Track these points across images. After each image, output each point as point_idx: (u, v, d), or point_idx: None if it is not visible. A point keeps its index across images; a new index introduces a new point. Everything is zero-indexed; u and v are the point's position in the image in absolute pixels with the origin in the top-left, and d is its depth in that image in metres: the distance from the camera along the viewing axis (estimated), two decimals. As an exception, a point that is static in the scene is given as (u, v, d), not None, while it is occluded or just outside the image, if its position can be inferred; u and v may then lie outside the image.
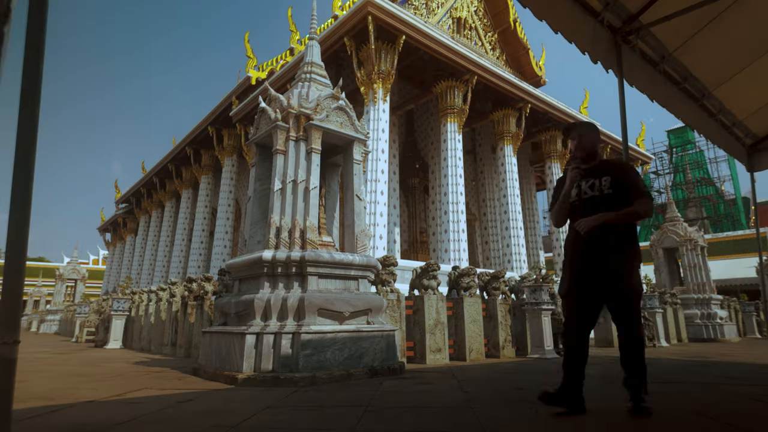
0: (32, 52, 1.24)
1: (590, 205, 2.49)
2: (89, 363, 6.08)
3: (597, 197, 2.49)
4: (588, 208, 2.49)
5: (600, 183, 2.51)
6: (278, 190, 4.82)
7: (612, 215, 2.41)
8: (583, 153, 2.61)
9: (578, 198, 2.56)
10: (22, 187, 1.21)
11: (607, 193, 2.48)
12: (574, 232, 2.54)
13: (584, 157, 2.61)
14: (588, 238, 2.44)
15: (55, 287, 22.97)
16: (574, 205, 2.58)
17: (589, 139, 2.63)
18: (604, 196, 2.48)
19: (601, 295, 2.47)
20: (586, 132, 2.64)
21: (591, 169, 2.58)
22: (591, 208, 2.48)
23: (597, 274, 2.44)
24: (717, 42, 3.87)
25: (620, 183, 2.48)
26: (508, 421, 2.39)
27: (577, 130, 2.65)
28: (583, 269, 2.49)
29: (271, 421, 2.39)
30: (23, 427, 2.30)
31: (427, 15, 14.74)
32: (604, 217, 2.41)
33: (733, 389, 3.43)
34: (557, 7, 3.14)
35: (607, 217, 2.41)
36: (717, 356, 6.59)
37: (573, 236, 2.57)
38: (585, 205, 2.51)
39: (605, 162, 2.64)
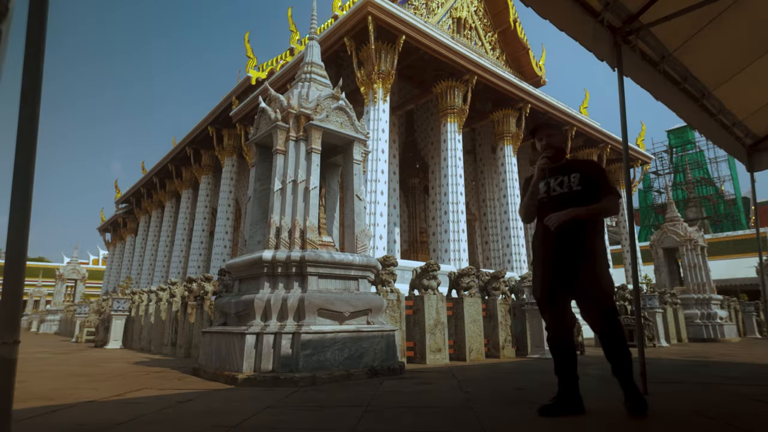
0: (32, 50, 1.24)
1: (559, 202, 2.53)
2: (89, 363, 6.08)
3: (566, 194, 2.54)
4: (557, 205, 2.52)
5: (569, 180, 2.56)
6: (278, 190, 4.82)
7: (582, 210, 2.45)
8: (552, 151, 2.64)
9: (547, 195, 2.60)
10: (22, 186, 1.20)
11: (576, 189, 2.53)
12: (543, 229, 2.57)
13: (553, 155, 2.65)
14: (558, 234, 2.47)
15: (55, 287, 22.97)
16: (542, 202, 2.62)
17: (557, 138, 2.69)
18: (572, 193, 2.52)
19: (574, 291, 2.50)
20: (554, 132, 2.70)
21: (559, 167, 2.63)
22: (560, 204, 2.51)
23: (568, 270, 2.47)
24: (717, 42, 3.87)
25: (589, 180, 2.53)
26: (508, 421, 2.39)
27: (544, 130, 2.70)
28: (555, 267, 2.51)
29: (271, 421, 2.39)
30: (23, 427, 2.30)
31: (427, 15, 14.74)
32: (575, 212, 2.45)
33: (733, 389, 3.43)
34: (558, 8, 3.14)
35: (578, 212, 2.45)
36: (717, 356, 6.59)
37: (542, 233, 2.60)
38: (554, 202, 2.55)
39: (573, 161, 2.69)
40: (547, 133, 2.69)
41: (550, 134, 2.68)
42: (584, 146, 16.47)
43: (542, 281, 2.56)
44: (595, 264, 2.45)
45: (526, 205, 2.69)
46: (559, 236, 2.48)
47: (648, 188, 36.61)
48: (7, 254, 1.19)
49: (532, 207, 2.66)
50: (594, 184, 2.52)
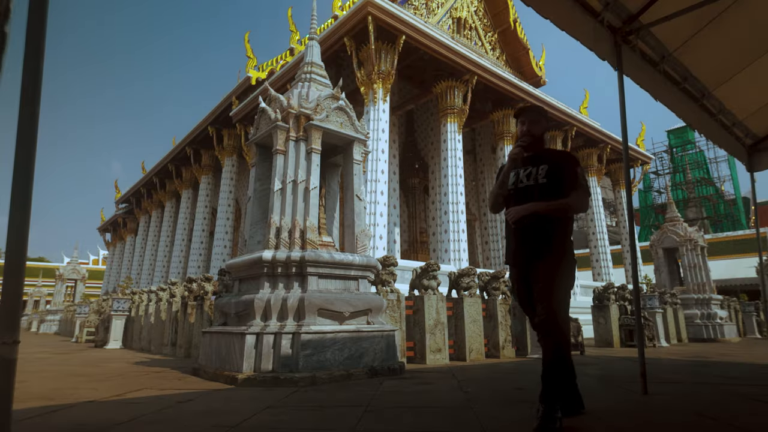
0: (32, 50, 1.24)
1: (524, 195, 2.37)
2: (89, 363, 6.08)
3: (531, 187, 2.36)
4: (521, 198, 2.37)
5: (537, 172, 2.38)
6: (278, 190, 4.82)
7: (542, 206, 2.28)
8: (530, 139, 2.46)
9: (514, 186, 2.43)
10: (22, 186, 1.20)
11: (542, 182, 2.34)
12: (509, 225, 2.44)
13: (530, 143, 2.46)
14: (521, 229, 2.34)
15: (55, 287, 22.96)
16: (510, 193, 2.46)
17: (539, 126, 2.49)
18: (537, 186, 2.34)
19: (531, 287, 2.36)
20: (537, 117, 2.50)
21: (532, 157, 2.45)
22: (524, 197, 2.36)
23: (530, 268, 2.34)
24: (717, 42, 3.87)
25: (556, 173, 2.33)
26: (508, 421, 2.39)
27: (527, 114, 2.51)
28: (519, 263, 2.40)
29: (271, 421, 2.39)
30: (23, 427, 2.30)
31: (427, 15, 14.74)
32: (534, 207, 2.29)
33: (733, 389, 3.43)
34: (558, 8, 3.14)
35: (537, 207, 2.29)
36: (717, 356, 6.59)
37: (509, 228, 2.47)
38: (519, 195, 2.40)
39: (548, 151, 2.49)
40: (531, 119, 2.49)
41: (533, 121, 2.48)
42: (584, 146, 16.47)
43: (512, 276, 2.49)
44: (553, 266, 2.26)
45: (494, 195, 2.53)
46: (522, 232, 2.35)
47: (648, 188, 36.62)
48: (7, 254, 1.19)
49: (500, 197, 2.51)
50: (561, 177, 2.32)
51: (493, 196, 2.54)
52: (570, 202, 2.29)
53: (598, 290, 9.31)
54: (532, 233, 2.33)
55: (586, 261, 21.86)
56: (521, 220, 2.33)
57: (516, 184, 2.43)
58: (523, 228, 2.34)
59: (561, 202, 2.29)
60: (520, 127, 2.49)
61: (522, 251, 2.37)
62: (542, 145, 2.50)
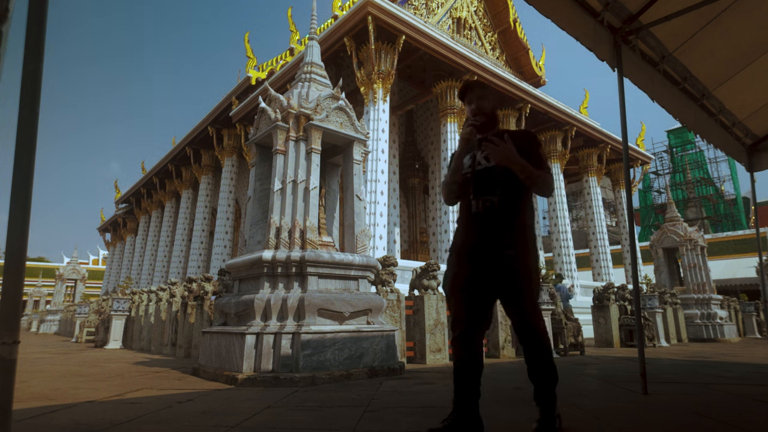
0: (32, 51, 1.24)
1: (484, 178, 2.09)
2: (89, 363, 6.08)
3: (492, 168, 2.08)
4: (481, 182, 2.09)
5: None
6: (278, 190, 4.82)
7: (530, 167, 1.99)
8: (482, 118, 2.18)
9: (471, 170, 2.14)
10: (22, 186, 1.21)
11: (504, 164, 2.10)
12: (466, 211, 2.13)
13: (483, 123, 2.19)
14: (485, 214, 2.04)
15: (55, 287, 22.97)
16: (466, 178, 2.15)
17: (487, 102, 2.22)
18: (500, 168, 2.05)
19: (494, 286, 2.03)
20: (483, 93, 2.22)
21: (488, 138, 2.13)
22: (484, 181, 2.08)
23: (489, 260, 2.01)
24: (717, 42, 3.87)
25: (521, 153, 2.05)
26: (508, 421, 2.39)
27: (474, 91, 2.22)
28: (477, 254, 2.04)
29: (271, 421, 2.39)
30: (23, 427, 2.30)
31: (427, 15, 14.74)
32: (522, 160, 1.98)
33: (733, 389, 3.43)
34: (559, 8, 3.14)
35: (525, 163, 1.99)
36: (717, 356, 6.59)
37: (465, 215, 2.14)
38: (478, 178, 2.11)
39: (506, 131, 2.20)
40: (478, 95, 2.21)
41: (481, 96, 2.20)
42: (584, 146, 16.47)
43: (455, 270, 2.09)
44: (525, 257, 2.00)
45: (447, 183, 2.21)
46: (486, 217, 2.04)
47: (648, 188, 36.63)
48: (6, 254, 1.19)
49: (454, 185, 2.18)
50: (525, 157, 2.04)
51: (447, 186, 2.21)
52: (544, 177, 2.02)
53: (598, 290, 9.31)
54: (501, 218, 2.02)
55: (586, 261, 21.86)
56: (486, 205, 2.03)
57: (473, 166, 2.14)
58: (488, 213, 2.04)
59: (540, 173, 2.01)
60: (468, 106, 2.23)
61: (483, 240, 2.03)
62: (496, 123, 2.25)
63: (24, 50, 1.23)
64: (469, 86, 2.24)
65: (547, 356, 2.02)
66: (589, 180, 16.40)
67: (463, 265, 2.07)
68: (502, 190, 2.05)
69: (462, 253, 2.09)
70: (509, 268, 1.98)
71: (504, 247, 1.99)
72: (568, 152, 15.28)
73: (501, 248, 1.99)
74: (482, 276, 2.01)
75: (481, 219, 2.05)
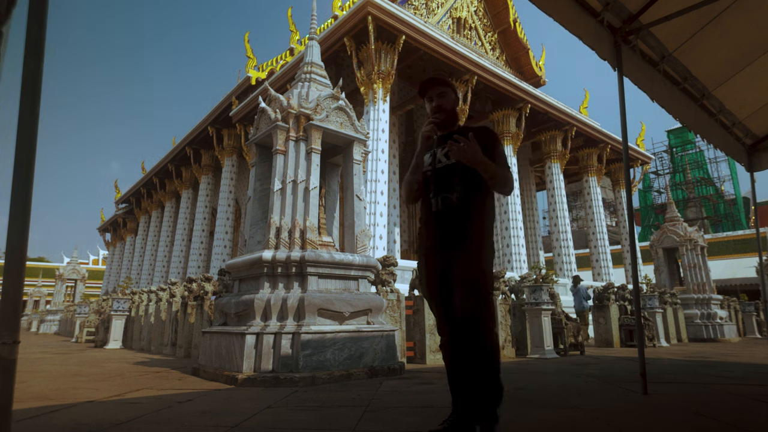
0: (32, 51, 1.24)
1: (444, 175, 2.03)
2: (89, 363, 6.08)
3: (452, 166, 2.02)
4: (441, 179, 2.03)
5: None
6: (278, 190, 4.82)
7: (492, 165, 1.93)
8: (443, 115, 2.14)
9: (432, 168, 2.08)
10: (23, 186, 1.21)
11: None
12: (427, 211, 2.06)
13: (444, 120, 2.14)
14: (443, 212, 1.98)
15: (55, 287, 22.98)
16: (426, 176, 2.10)
17: (449, 99, 2.17)
18: (459, 166, 1.99)
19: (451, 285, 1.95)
20: (445, 90, 2.18)
21: (449, 135, 2.07)
22: (445, 178, 2.02)
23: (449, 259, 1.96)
24: (717, 42, 3.87)
25: (484, 151, 1.98)
26: (507, 421, 2.39)
27: (435, 88, 2.17)
28: (438, 254, 1.99)
29: (271, 421, 2.39)
30: (23, 427, 2.30)
31: (427, 15, 14.74)
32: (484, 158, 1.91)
33: (733, 389, 3.43)
34: (560, 8, 3.14)
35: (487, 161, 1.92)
36: (717, 356, 6.59)
37: (425, 214, 2.08)
38: (439, 176, 2.04)
39: (466, 127, 2.12)
40: (439, 92, 2.16)
41: (441, 93, 2.16)
42: (584, 146, 16.47)
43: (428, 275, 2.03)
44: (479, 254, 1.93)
45: (408, 182, 2.16)
46: (446, 215, 1.99)
47: (648, 188, 36.63)
48: (7, 254, 1.19)
49: (414, 183, 2.12)
50: (488, 155, 1.97)
51: (407, 184, 2.15)
52: (504, 175, 1.97)
53: (598, 290, 9.32)
54: (458, 215, 1.97)
55: (586, 261, 21.87)
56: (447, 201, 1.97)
57: (434, 164, 2.08)
58: (446, 211, 1.98)
59: (501, 172, 1.95)
60: (429, 103, 2.18)
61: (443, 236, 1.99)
62: (456, 120, 2.20)
63: (24, 50, 1.24)
64: (430, 82, 2.18)
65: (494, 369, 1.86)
66: (589, 180, 16.40)
67: (431, 266, 2.02)
68: (461, 188, 1.99)
69: (428, 255, 2.04)
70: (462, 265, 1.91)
71: (460, 244, 1.93)
72: (568, 152, 15.28)
73: (458, 245, 1.94)
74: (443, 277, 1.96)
75: (440, 217, 2.00)
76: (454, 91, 2.21)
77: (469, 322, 1.85)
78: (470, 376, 1.85)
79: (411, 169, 2.15)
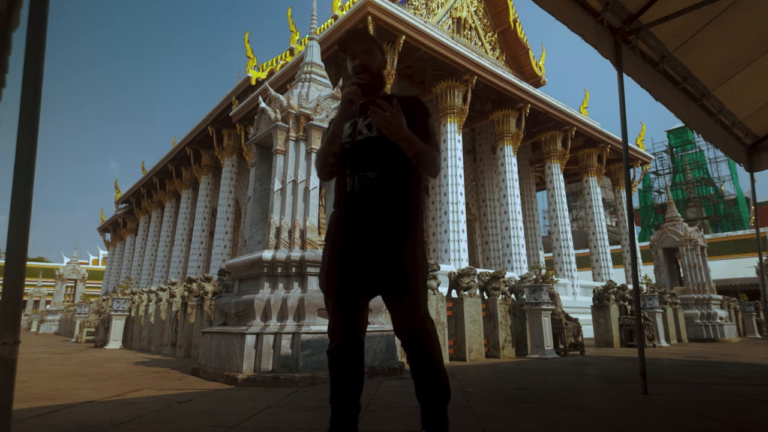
0: (33, 53, 1.24)
1: (365, 149, 1.71)
2: (89, 363, 6.08)
3: (374, 139, 1.71)
4: (362, 153, 1.71)
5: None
6: (278, 190, 4.82)
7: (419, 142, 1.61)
8: (368, 77, 1.79)
9: (351, 140, 1.76)
10: (23, 187, 1.21)
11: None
12: (342, 191, 1.74)
13: (368, 82, 1.80)
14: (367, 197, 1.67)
15: (55, 287, 22.98)
16: (344, 149, 1.76)
17: (374, 58, 1.84)
18: (382, 139, 1.68)
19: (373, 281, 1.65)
20: (369, 47, 1.84)
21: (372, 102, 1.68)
22: (365, 153, 1.71)
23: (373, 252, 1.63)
24: (717, 42, 3.87)
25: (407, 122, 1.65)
26: (508, 421, 2.39)
27: (359, 44, 1.84)
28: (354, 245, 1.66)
29: (271, 421, 2.39)
30: (23, 427, 2.30)
31: (427, 15, 14.75)
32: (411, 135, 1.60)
33: (733, 389, 3.43)
34: (561, 8, 3.14)
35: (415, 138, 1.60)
36: (717, 356, 6.59)
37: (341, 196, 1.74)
38: (358, 149, 1.73)
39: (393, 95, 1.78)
40: (363, 49, 1.83)
41: (366, 51, 1.82)
42: (584, 146, 16.47)
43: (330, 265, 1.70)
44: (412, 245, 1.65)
45: (323, 153, 1.77)
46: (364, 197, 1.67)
47: (648, 188, 36.64)
48: (7, 254, 1.19)
49: (331, 156, 1.75)
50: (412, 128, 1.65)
51: (323, 155, 1.77)
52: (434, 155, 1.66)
53: (598, 290, 9.32)
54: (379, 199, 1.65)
55: (586, 261, 21.87)
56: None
57: (353, 136, 1.76)
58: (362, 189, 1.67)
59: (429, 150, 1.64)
60: (351, 62, 1.84)
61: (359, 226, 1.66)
62: (383, 85, 1.90)
63: (25, 52, 1.24)
64: (354, 37, 1.84)
65: (437, 366, 1.65)
66: (589, 180, 16.40)
67: (337, 258, 1.69)
68: (383, 165, 1.68)
69: (336, 243, 1.71)
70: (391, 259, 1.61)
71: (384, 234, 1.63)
72: (568, 152, 15.28)
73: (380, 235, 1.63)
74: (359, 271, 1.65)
75: (357, 199, 1.68)
76: (381, 51, 1.90)
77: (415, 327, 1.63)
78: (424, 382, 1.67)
79: (328, 138, 1.77)
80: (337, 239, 1.71)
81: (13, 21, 1.14)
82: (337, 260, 1.69)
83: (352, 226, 1.68)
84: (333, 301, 1.69)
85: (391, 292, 1.63)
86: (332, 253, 1.71)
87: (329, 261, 1.71)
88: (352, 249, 1.66)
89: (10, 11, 1.13)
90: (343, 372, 1.70)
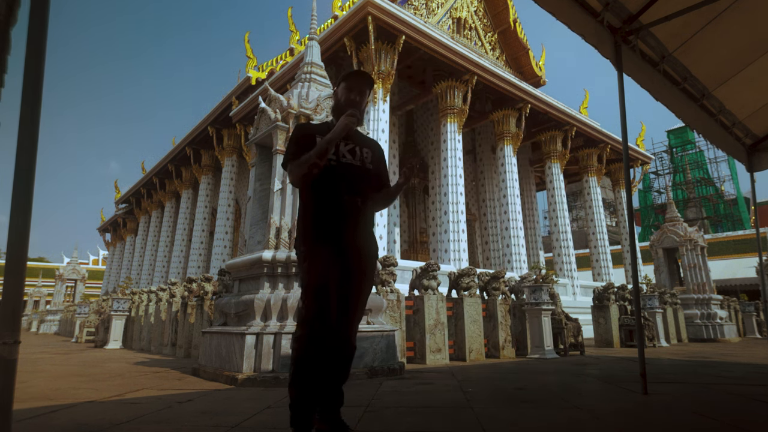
0: (33, 53, 1.24)
1: (350, 173, 2.04)
2: (89, 363, 6.08)
3: (358, 168, 2.07)
4: (348, 175, 2.03)
5: (361, 153, 2.11)
6: (278, 191, 4.82)
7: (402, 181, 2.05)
8: (360, 115, 2.06)
9: (336, 159, 2.04)
10: (23, 186, 1.21)
11: (369, 167, 2.11)
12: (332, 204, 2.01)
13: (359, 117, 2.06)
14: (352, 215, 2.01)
15: (55, 287, 22.98)
16: (330, 166, 2.01)
17: (365, 101, 2.18)
18: (366, 170, 2.09)
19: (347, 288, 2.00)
20: (366, 90, 2.14)
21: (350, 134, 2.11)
22: (352, 176, 2.04)
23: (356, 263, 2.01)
24: (717, 42, 3.87)
25: (380, 164, 2.18)
26: (508, 421, 2.39)
27: (364, 85, 2.13)
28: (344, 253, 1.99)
29: (271, 421, 2.39)
30: (23, 427, 2.30)
31: (427, 15, 14.75)
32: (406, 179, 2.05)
33: (733, 389, 3.43)
34: (561, 8, 3.14)
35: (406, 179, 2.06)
36: (717, 356, 6.59)
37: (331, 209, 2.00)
38: (344, 171, 2.03)
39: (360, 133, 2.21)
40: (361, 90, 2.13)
41: (363, 93, 2.13)
42: (584, 146, 16.47)
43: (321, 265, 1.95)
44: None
45: (311, 166, 1.94)
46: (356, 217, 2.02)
47: (648, 188, 36.64)
48: (7, 254, 1.19)
49: (315, 169, 1.95)
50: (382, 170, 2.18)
51: (309, 167, 1.94)
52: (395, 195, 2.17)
53: (598, 290, 9.32)
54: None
55: (586, 261, 21.87)
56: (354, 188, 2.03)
57: (338, 157, 2.05)
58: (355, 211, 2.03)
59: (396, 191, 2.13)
60: (348, 93, 2.11)
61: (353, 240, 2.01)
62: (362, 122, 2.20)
63: (25, 52, 1.24)
64: (363, 78, 2.12)
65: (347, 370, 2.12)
66: (589, 180, 16.41)
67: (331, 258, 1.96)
68: (366, 194, 2.08)
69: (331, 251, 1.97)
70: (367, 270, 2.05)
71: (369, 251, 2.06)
72: (568, 152, 15.28)
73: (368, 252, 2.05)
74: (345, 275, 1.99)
75: (351, 217, 2.01)
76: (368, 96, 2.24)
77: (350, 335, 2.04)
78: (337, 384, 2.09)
79: (319, 152, 1.93)
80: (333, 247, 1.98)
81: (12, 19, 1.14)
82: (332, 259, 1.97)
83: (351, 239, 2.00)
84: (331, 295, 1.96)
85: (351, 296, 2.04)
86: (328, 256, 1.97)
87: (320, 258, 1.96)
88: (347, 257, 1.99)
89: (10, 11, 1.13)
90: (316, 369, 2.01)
